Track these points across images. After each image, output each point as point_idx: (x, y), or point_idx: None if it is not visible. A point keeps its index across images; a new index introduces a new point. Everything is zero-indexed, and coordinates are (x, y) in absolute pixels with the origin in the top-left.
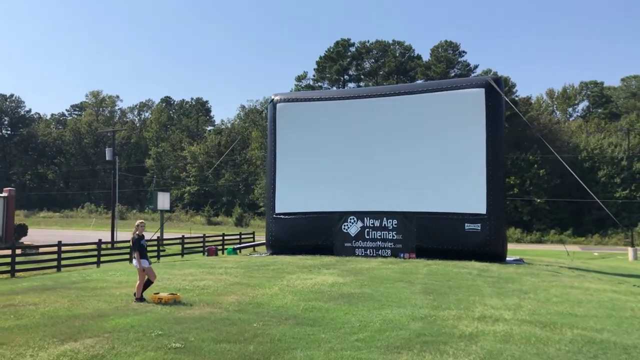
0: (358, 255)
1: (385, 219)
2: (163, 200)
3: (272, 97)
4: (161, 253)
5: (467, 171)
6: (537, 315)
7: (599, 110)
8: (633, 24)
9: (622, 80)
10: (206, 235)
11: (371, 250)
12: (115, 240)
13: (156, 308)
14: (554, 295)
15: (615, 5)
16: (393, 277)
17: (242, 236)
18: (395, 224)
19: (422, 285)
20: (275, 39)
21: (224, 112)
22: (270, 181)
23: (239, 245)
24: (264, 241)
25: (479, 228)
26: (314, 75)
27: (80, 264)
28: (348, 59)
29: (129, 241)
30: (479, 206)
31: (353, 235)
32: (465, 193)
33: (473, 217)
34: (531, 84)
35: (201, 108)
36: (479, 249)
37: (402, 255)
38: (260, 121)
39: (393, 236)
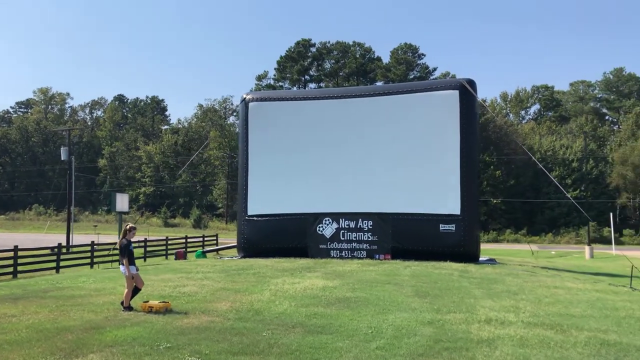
0: (333, 257)
1: (360, 220)
2: (122, 201)
3: (244, 96)
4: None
5: (441, 172)
6: (539, 317)
7: (550, 114)
8: (581, 30)
9: (571, 85)
10: (169, 238)
11: (346, 251)
12: (71, 244)
13: (149, 317)
14: (543, 296)
15: (564, 13)
16: (380, 279)
17: (205, 239)
18: (370, 225)
19: (411, 288)
20: (234, 37)
21: (180, 111)
22: (242, 182)
23: (208, 249)
24: (234, 244)
25: (454, 229)
26: (274, 75)
27: (38, 269)
28: (309, 59)
29: (87, 245)
30: (454, 207)
31: (328, 237)
32: (440, 194)
33: (448, 218)
34: (486, 88)
35: (157, 107)
36: (453, 250)
37: (377, 256)
38: (218, 120)
39: (368, 237)
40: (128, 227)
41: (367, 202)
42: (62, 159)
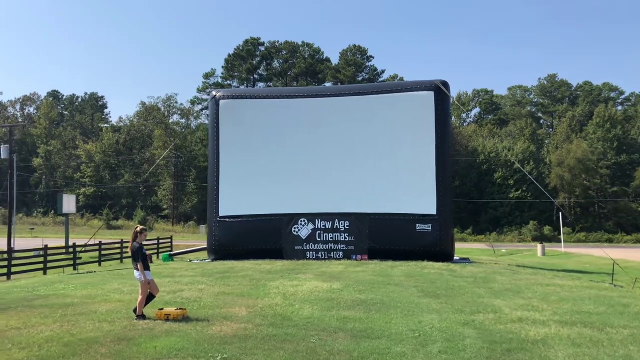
0: (309, 259)
1: (337, 220)
2: (68, 203)
3: (214, 93)
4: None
5: (417, 172)
6: (564, 316)
7: (490, 117)
8: (519, 36)
9: (509, 89)
10: (123, 240)
11: (323, 252)
12: (13, 248)
13: (174, 326)
14: (545, 294)
15: (504, 18)
16: (377, 280)
17: (160, 241)
18: (347, 226)
19: (415, 289)
20: (178, 33)
21: (122, 109)
22: (212, 182)
23: (175, 252)
24: (202, 247)
25: (430, 228)
26: (222, 74)
27: None
28: (258, 58)
29: (29, 250)
30: (430, 207)
31: (304, 238)
32: (416, 194)
33: (424, 218)
34: None
35: (96, 104)
36: (430, 249)
37: (354, 257)
38: (162, 119)
39: (345, 238)
40: (138, 229)
41: (344, 202)
42: (1, 157)
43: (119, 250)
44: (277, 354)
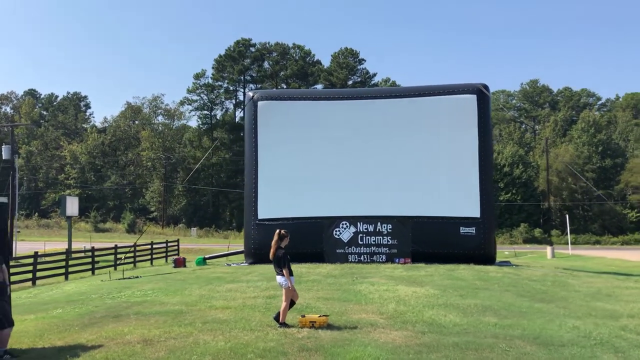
0: (351, 262)
1: (379, 223)
2: (72, 205)
3: (251, 94)
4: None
5: (460, 175)
6: None
7: None
8: (502, 39)
9: (493, 93)
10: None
11: (365, 256)
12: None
13: (346, 335)
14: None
15: (488, 22)
16: (461, 284)
17: (169, 244)
18: (390, 229)
19: (512, 293)
20: (166, 34)
21: (106, 109)
22: (250, 185)
23: (210, 255)
24: (239, 250)
25: (474, 231)
26: (212, 74)
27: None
28: (248, 60)
29: (30, 257)
30: (473, 210)
31: (346, 241)
32: (460, 197)
33: (467, 221)
34: None
35: (79, 103)
36: (473, 252)
37: (397, 260)
38: (149, 119)
39: (388, 241)
40: (282, 232)
41: (386, 205)
42: (3, 157)
43: (132, 254)
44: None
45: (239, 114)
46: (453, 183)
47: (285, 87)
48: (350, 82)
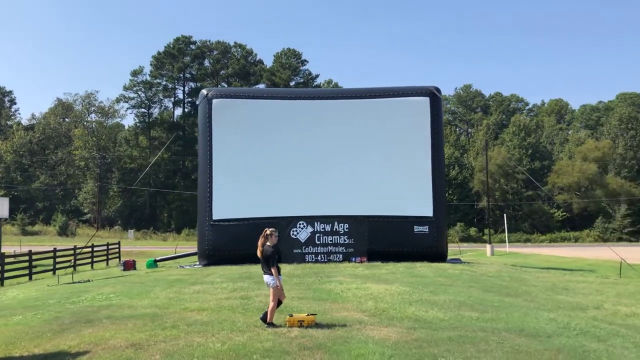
0: (308, 262)
1: (336, 223)
2: (2, 206)
3: (205, 92)
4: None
5: (414, 175)
6: None
7: None
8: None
9: None
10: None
11: (322, 255)
12: None
13: (339, 333)
14: (595, 290)
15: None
16: (426, 281)
17: (110, 247)
18: (346, 228)
19: (479, 289)
20: (100, 29)
21: (34, 106)
22: (204, 184)
23: (161, 257)
24: (191, 252)
25: (427, 230)
26: (151, 71)
27: None
28: (188, 57)
29: (24, 255)
30: (427, 209)
31: (303, 241)
32: (414, 196)
33: (421, 220)
34: None
35: (3, 99)
36: (427, 250)
37: (353, 259)
38: (84, 117)
39: (345, 240)
40: (269, 231)
41: (342, 205)
42: None
43: (51, 259)
44: (518, 356)
45: (177, 112)
46: (407, 183)
47: (226, 86)
48: (292, 83)
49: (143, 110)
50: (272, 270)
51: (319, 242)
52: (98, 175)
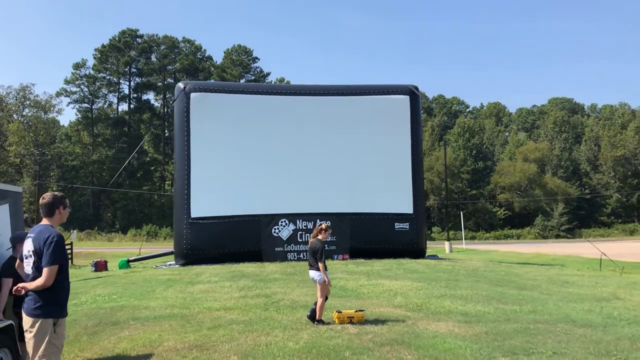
0: (290, 260)
1: (318, 220)
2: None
3: (182, 85)
4: None
5: (394, 173)
6: None
7: None
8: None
9: None
10: None
11: (305, 253)
12: None
13: (396, 328)
14: (585, 284)
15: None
16: (433, 276)
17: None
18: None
19: (480, 283)
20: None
21: None
22: (182, 181)
23: (135, 257)
24: (165, 251)
25: (408, 227)
26: (94, 65)
27: None
28: (135, 51)
29: None
30: (407, 206)
31: (285, 239)
32: (394, 194)
33: (402, 217)
34: None
35: None
36: (407, 247)
37: (335, 256)
38: (19, 111)
39: (327, 238)
40: (324, 225)
41: (324, 202)
42: None
43: None
44: (569, 345)
45: (122, 107)
46: (388, 180)
47: (173, 82)
48: (243, 80)
49: (86, 105)
50: (320, 265)
51: (301, 240)
52: (36, 172)
